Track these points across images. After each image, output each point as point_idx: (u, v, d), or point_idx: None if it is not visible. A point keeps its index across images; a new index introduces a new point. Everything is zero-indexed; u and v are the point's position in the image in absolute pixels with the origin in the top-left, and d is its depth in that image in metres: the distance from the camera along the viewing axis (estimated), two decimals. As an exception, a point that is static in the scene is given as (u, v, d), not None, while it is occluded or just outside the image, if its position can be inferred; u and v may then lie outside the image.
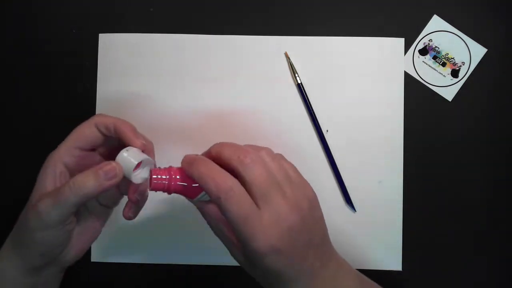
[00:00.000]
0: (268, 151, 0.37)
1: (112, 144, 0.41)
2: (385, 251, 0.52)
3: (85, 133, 0.40)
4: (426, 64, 0.54)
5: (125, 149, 0.38)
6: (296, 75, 0.53)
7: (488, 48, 0.53)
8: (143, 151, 0.39)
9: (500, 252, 0.53)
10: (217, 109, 0.53)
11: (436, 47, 0.54)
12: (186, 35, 0.54)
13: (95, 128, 0.40)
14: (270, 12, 0.54)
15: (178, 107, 0.53)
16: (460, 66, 0.53)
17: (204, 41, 0.54)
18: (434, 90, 0.53)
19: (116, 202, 0.44)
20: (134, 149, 0.38)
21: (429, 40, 0.54)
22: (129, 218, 0.41)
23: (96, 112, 0.53)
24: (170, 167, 0.38)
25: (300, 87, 0.53)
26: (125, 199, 0.42)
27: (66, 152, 0.40)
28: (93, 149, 0.42)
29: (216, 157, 0.36)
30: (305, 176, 0.52)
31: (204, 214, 0.39)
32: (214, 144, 0.37)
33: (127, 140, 0.38)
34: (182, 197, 0.53)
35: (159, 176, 0.36)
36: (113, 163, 0.37)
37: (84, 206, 0.42)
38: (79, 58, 0.54)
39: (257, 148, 0.37)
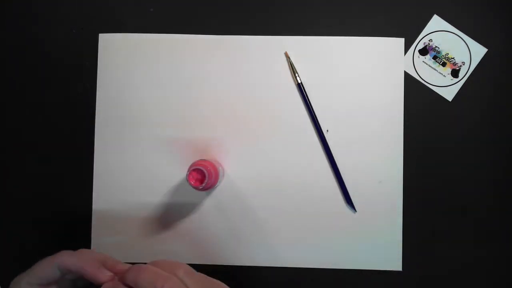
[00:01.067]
0: (187, 269, 0.37)
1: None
2: (385, 251, 0.52)
3: (46, 273, 0.40)
4: (426, 64, 0.54)
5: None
6: (296, 75, 0.53)
7: (488, 48, 0.53)
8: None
9: (500, 252, 0.53)
10: (217, 109, 0.53)
11: (436, 47, 0.54)
12: (186, 35, 0.54)
13: (57, 269, 0.40)
14: (270, 12, 0.54)
15: (178, 107, 0.53)
16: (460, 66, 0.53)
17: (204, 41, 0.54)
18: (434, 90, 0.53)
19: None
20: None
21: (429, 40, 0.54)
22: None
23: (96, 112, 0.53)
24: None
25: (300, 87, 0.53)
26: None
27: (27, 287, 0.40)
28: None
29: (132, 283, 0.35)
30: (305, 177, 0.52)
31: None
32: (130, 269, 0.36)
33: (94, 280, 0.39)
34: (181, 197, 0.53)
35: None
36: None
37: None
38: (79, 58, 0.54)
39: (173, 267, 0.36)
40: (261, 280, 0.53)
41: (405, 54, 0.53)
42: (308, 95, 0.53)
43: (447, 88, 0.53)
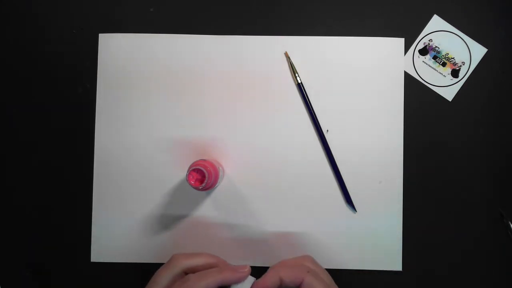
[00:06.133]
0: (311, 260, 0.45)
1: None
2: (385, 251, 0.52)
3: None
4: (426, 64, 0.54)
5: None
6: (296, 75, 0.53)
7: (488, 48, 0.53)
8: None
9: (500, 252, 0.53)
10: (217, 108, 0.53)
11: (436, 47, 0.54)
12: (186, 35, 0.54)
13: None
14: (270, 12, 0.54)
15: (178, 107, 0.53)
16: (460, 66, 0.53)
17: (204, 41, 0.54)
18: (434, 90, 0.53)
19: None
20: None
21: (429, 40, 0.54)
22: None
23: (96, 112, 0.53)
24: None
25: (300, 87, 0.53)
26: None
27: None
28: None
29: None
30: (305, 177, 0.52)
31: None
32: (272, 269, 0.43)
33: (236, 281, 0.43)
34: (181, 197, 0.53)
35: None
36: None
37: None
38: (79, 58, 0.54)
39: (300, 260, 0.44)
40: (261, 280, 0.53)
41: (405, 54, 0.53)
42: (308, 95, 0.53)
43: (447, 88, 0.53)
